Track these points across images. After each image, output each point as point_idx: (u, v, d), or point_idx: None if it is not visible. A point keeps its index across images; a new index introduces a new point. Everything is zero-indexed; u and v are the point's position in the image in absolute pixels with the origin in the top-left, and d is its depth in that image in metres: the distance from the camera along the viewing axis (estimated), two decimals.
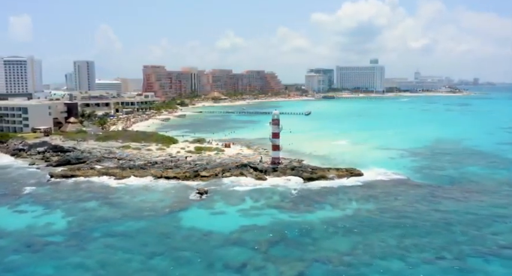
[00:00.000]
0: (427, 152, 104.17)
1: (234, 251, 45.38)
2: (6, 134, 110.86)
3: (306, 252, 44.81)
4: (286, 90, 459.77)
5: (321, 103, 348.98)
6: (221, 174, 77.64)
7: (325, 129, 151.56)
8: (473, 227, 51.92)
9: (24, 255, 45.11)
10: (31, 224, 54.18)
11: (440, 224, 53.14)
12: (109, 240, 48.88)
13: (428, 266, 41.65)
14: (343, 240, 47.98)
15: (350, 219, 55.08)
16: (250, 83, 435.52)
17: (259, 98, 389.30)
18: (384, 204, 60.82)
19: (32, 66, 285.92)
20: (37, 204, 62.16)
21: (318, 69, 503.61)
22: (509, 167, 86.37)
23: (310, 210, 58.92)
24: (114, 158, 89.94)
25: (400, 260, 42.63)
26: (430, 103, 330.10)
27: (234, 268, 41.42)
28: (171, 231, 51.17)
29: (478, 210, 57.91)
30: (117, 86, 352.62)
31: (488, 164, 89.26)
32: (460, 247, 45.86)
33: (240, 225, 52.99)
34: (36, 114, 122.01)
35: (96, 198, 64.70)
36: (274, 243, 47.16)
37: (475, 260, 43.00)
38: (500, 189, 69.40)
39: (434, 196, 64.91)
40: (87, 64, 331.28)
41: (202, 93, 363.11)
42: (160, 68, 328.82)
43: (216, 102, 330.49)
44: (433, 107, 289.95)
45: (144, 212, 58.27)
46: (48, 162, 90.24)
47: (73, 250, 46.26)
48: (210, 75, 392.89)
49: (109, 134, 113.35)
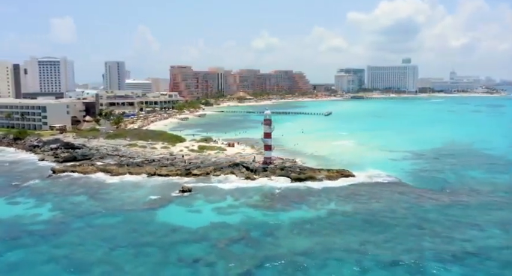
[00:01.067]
0: (432, 154, 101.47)
1: (194, 246, 46.85)
2: (25, 131, 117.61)
3: (262, 250, 45.60)
4: (314, 90, 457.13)
5: (347, 103, 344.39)
6: (213, 173, 79.32)
7: (337, 130, 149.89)
8: (445, 232, 50.62)
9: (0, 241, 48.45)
10: (20, 214, 58.13)
11: (412, 227, 52.34)
12: (82, 232, 51.70)
13: (381, 270, 41.31)
14: (304, 241, 48.30)
15: (320, 220, 55.21)
16: (278, 83, 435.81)
17: (285, 98, 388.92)
18: (362, 207, 60.35)
19: (65, 66, 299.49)
20: (32, 197, 66.30)
21: (348, 69, 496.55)
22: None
23: (285, 209, 59.47)
24: (117, 155, 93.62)
25: (353, 263, 42.45)
26: (460, 104, 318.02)
27: (186, 263, 42.93)
28: (141, 226, 53.37)
29: (458, 216, 56.37)
30: (147, 86, 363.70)
31: (491, 168, 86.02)
32: (422, 252, 45.03)
33: (210, 222, 54.41)
34: (55, 112, 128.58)
35: (86, 193, 68.11)
36: (234, 241, 48.21)
37: (433, 265, 42.14)
38: (493, 194, 66.94)
39: (418, 200, 63.64)
40: (118, 64, 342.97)
41: (229, 93, 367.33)
42: (187, 68, 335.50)
43: (241, 102, 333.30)
44: (461, 108, 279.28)
45: (125, 207, 60.92)
46: (57, 158, 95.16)
47: (46, 239, 49.51)
48: (237, 75, 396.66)
49: (119, 132, 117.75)
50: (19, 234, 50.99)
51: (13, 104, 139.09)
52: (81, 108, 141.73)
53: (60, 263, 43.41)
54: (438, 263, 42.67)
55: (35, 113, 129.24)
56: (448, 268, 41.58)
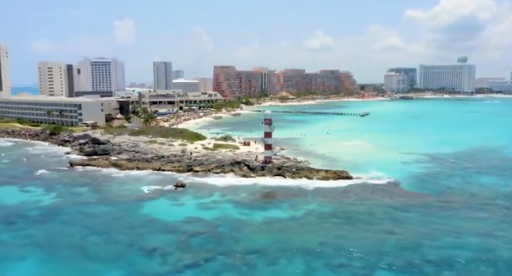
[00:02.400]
0: (451, 157, 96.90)
1: (159, 237, 49.69)
2: (60, 127, 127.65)
3: (220, 245, 47.35)
4: (362, 90, 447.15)
5: (392, 104, 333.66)
6: (213, 170, 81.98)
7: (363, 131, 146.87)
8: (416, 238, 48.83)
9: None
10: (24, 201, 64.54)
11: (382, 232, 51.35)
12: (70, 219, 56.69)
13: (325, 272, 41.41)
14: (265, 238, 49.26)
15: (293, 219, 55.82)
16: (324, 82, 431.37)
17: (330, 98, 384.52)
18: (342, 208, 59.93)
19: (115, 66, 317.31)
20: (42, 186, 72.94)
21: (399, 68, 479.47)
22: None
23: (264, 208, 60.67)
24: (133, 151, 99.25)
25: (301, 263, 42.80)
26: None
27: (145, 251, 45.88)
28: (124, 216, 57.23)
29: (439, 222, 54.11)
30: (194, 85, 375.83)
31: (508, 175, 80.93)
32: (378, 257, 43.98)
33: (187, 216, 57.02)
34: (89, 110, 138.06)
35: (90, 185, 73.65)
36: (199, 235, 50.38)
37: (382, 272, 41.34)
38: (491, 202, 63.19)
39: (405, 204, 61.84)
40: (165, 65, 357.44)
41: (272, 93, 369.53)
42: (230, 68, 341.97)
43: (283, 102, 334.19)
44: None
45: (118, 199, 65.32)
46: (82, 153, 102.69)
47: (36, 223, 55.17)
48: (282, 75, 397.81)
49: (143, 130, 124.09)
50: (15, 218, 56.89)
51: (53, 101, 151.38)
52: (116, 106, 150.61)
53: (36, 245, 48.26)
54: (387, 270, 41.51)
55: (71, 111, 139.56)
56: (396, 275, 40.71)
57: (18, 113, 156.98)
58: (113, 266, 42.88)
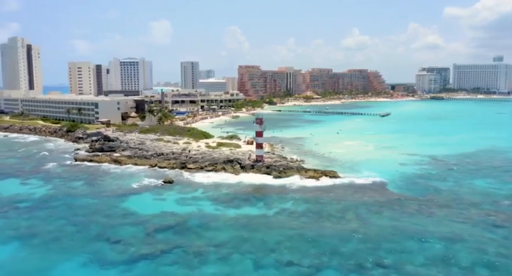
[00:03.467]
0: (454, 159, 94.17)
1: (129, 229, 52.32)
2: (76, 125, 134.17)
3: (181, 238, 49.25)
4: (392, 90, 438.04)
5: (420, 104, 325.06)
6: (206, 167, 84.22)
7: (374, 131, 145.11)
8: (377, 240, 48.46)
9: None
10: (20, 193, 69.22)
11: (347, 232, 51.35)
12: (55, 210, 60.56)
13: (272, 268, 42.27)
14: (228, 234, 50.51)
15: (262, 217, 56.92)
16: (352, 82, 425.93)
17: (357, 98, 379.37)
18: (316, 208, 60.13)
19: (144, 66, 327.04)
20: (42, 179, 77.71)
21: (431, 67, 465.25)
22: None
23: (239, 205, 62.01)
24: (136, 148, 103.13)
25: (252, 259, 43.81)
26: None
27: (110, 241, 48.60)
28: (103, 209, 60.39)
29: (408, 225, 53.26)
30: (221, 85, 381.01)
31: (505, 179, 78.19)
32: (331, 257, 44.25)
33: (163, 210, 59.35)
34: (106, 108, 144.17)
35: (86, 179, 77.71)
36: (165, 228, 52.54)
37: (328, 272, 41.53)
38: (475, 206, 60.96)
39: (382, 206, 61.09)
40: (192, 64, 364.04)
41: (297, 92, 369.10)
42: (254, 67, 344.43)
43: (307, 102, 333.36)
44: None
45: (106, 193, 68.73)
46: (90, 149, 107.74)
47: (24, 213, 59.33)
48: (308, 74, 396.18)
49: (152, 128, 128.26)
50: (6, 208, 61.45)
51: (73, 100, 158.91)
52: (132, 105, 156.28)
53: (17, 233, 52.10)
54: (334, 270, 41.69)
55: (89, 109, 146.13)
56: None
57: (42, 111, 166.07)
58: (76, 253, 45.74)
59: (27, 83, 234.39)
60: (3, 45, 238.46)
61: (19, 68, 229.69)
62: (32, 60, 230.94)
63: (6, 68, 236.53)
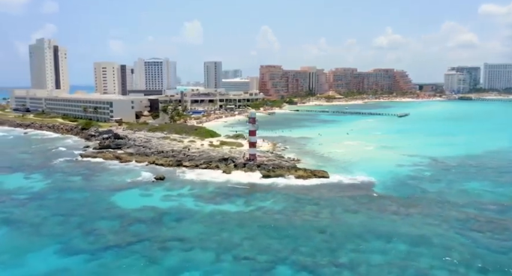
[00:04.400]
0: (453, 162, 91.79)
1: (106, 222, 55.06)
2: (90, 122, 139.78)
3: (151, 231, 51.41)
4: (420, 90, 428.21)
5: (446, 105, 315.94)
6: (201, 165, 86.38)
7: (384, 131, 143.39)
8: (341, 240, 48.73)
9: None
10: (21, 186, 73.75)
11: (312, 231, 51.37)
12: (48, 202, 64.55)
13: (227, 263, 43.57)
14: (197, 229, 52.18)
15: (237, 214, 58.16)
16: (377, 82, 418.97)
17: (381, 98, 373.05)
18: (293, 207, 60.63)
19: (167, 66, 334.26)
20: (44, 174, 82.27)
21: (461, 67, 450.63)
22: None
23: (220, 202, 63.52)
24: (140, 146, 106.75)
25: (212, 254, 45.21)
26: None
27: (85, 232, 51.43)
28: (90, 202, 63.65)
29: (379, 226, 53.16)
30: (244, 85, 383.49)
31: (502, 182, 76.04)
32: (286, 254, 44.97)
33: (144, 205, 61.83)
34: (120, 107, 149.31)
35: (85, 174, 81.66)
36: (141, 221, 54.86)
37: (281, 269, 42.13)
38: (457, 209, 59.83)
39: (361, 207, 60.66)
40: (215, 64, 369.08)
41: (320, 92, 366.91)
42: (276, 67, 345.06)
43: (329, 101, 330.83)
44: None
45: (98, 188, 72.10)
46: (99, 146, 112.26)
47: (19, 204, 63.49)
48: (332, 74, 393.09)
49: (161, 126, 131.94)
50: (5, 198, 66.13)
51: (89, 99, 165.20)
52: (147, 104, 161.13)
53: (6, 221, 56.15)
54: (288, 267, 42.31)
55: (104, 108, 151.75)
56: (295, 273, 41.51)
57: (63, 109, 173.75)
58: (52, 241, 48.94)
59: (53, 82, 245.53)
60: (32, 46, 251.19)
61: (46, 68, 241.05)
62: (58, 61, 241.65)
63: (34, 68, 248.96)
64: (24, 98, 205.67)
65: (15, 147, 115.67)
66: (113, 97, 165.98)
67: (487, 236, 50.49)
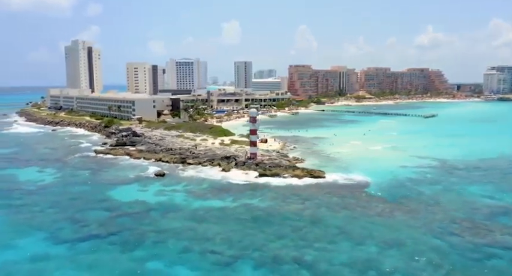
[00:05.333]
0: (461, 165, 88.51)
1: (96, 213, 58.64)
2: (112, 121, 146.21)
3: (134, 223, 54.26)
4: (458, 90, 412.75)
5: (482, 105, 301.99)
6: (204, 163, 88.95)
7: (402, 132, 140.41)
8: (307, 238, 49.45)
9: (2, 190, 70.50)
10: (31, 179, 79.07)
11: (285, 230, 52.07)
12: (50, 194, 69.25)
13: (192, 255, 45.42)
14: (177, 223, 54.38)
15: (220, 210, 59.68)
16: (411, 81, 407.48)
17: (414, 98, 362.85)
18: (278, 206, 61.42)
19: (198, 66, 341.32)
20: (57, 168, 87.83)
21: (502, 66, 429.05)
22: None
23: (208, 198, 65.50)
24: (153, 144, 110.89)
25: (182, 245, 47.39)
26: None
27: (74, 222, 55.20)
28: (87, 195, 67.68)
29: (356, 227, 52.73)
30: (275, 85, 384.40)
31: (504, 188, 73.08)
32: (252, 250, 46.02)
33: (137, 199, 64.93)
34: (142, 106, 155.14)
35: (93, 169, 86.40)
36: (129, 214, 57.93)
37: (243, 262, 43.50)
38: (441, 214, 58.64)
39: (345, 208, 60.17)
40: (245, 64, 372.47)
41: (351, 92, 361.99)
42: (305, 67, 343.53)
43: (358, 102, 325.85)
44: None
45: (100, 182, 76.30)
46: (116, 143, 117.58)
47: (24, 194, 68.69)
48: (363, 73, 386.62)
49: (178, 125, 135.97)
50: (13, 190, 71.57)
51: (114, 98, 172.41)
52: (168, 103, 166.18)
53: (7, 209, 61.32)
54: (247, 262, 43.56)
55: (127, 106, 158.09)
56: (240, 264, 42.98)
57: (91, 108, 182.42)
58: (42, 229, 53.10)
59: (87, 82, 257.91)
60: (67, 47, 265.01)
61: (80, 69, 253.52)
62: (92, 61, 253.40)
63: (69, 68, 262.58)
64: (58, 97, 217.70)
65: (41, 143, 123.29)
66: (136, 96, 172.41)
67: (466, 241, 49.25)
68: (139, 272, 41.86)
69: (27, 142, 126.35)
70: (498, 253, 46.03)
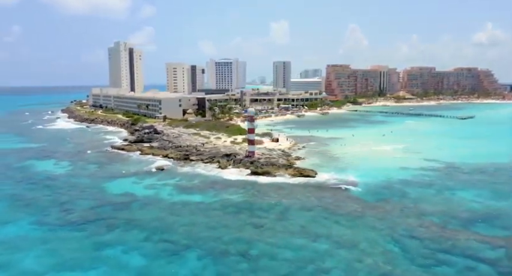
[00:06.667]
0: (466, 169, 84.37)
1: (85, 203, 63.71)
2: (139, 118, 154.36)
3: (113, 213, 58.69)
4: (510, 91, 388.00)
5: None
6: (205, 160, 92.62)
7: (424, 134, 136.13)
8: (263, 234, 50.95)
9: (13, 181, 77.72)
10: (46, 170, 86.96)
11: (246, 226, 54.14)
12: (55, 184, 75.71)
13: (150, 243, 48.72)
14: (151, 214, 58.06)
15: (195, 205, 62.40)
16: (459, 81, 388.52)
17: (459, 98, 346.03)
18: (253, 202, 63.38)
19: (237, 66, 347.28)
20: (72, 161, 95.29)
21: None
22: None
23: (191, 193, 68.62)
24: (166, 141, 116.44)
25: (144, 235, 50.87)
26: None
27: (63, 209, 60.76)
28: (84, 186, 73.44)
29: (319, 226, 53.32)
30: (315, 84, 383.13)
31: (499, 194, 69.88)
32: (204, 242, 48.36)
33: (127, 191, 69.60)
34: (168, 105, 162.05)
35: (102, 163, 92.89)
36: (111, 205, 62.51)
37: (192, 251, 46.11)
38: (422, 217, 57.02)
39: (319, 207, 60.39)
40: (284, 64, 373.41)
41: (391, 92, 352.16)
42: (343, 66, 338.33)
43: (398, 102, 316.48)
44: None
45: (103, 175, 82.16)
46: (136, 139, 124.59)
47: (31, 184, 75.82)
48: (406, 73, 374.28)
49: (197, 123, 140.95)
50: (25, 179, 79.38)
51: (143, 97, 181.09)
52: (195, 102, 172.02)
53: (10, 194, 68.50)
54: (196, 253, 45.72)
55: (155, 105, 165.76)
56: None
57: (125, 106, 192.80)
58: (32, 213, 59.13)
59: (128, 82, 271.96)
60: (110, 48, 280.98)
61: (121, 69, 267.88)
62: (133, 62, 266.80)
63: (111, 68, 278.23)
64: (99, 96, 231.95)
65: (70, 139, 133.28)
66: (163, 95, 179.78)
67: (422, 246, 47.85)
68: (95, 255, 45.84)
69: (58, 137, 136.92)
70: (451, 261, 44.51)
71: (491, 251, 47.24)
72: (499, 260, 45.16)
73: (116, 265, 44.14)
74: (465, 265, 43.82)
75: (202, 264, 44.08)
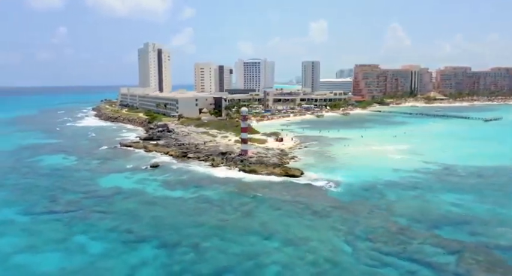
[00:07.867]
0: (463, 172, 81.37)
1: (74, 195, 68.53)
2: (155, 117, 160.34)
3: (96, 205, 62.77)
4: None
5: None
6: (201, 158, 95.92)
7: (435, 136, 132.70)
8: (222, 227, 53.30)
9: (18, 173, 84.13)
10: (53, 163, 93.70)
11: (212, 221, 56.48)
12: (57, 176, 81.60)
13: (114, 233, 52.12)
14: (128, 207, 61.57)
15: (172, 199, 65.41)
16: (496, 82, 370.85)
17: (495, 100, 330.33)
18: (227, 199, 65.27)
19: (265, 66, 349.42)
20: (80, 157, 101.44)
21: None
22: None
23: (174, 189, 71.76)
24: (173, 139, 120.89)
25: (113, 225, 54.44)
26: None
27: (51, 199, 65.72)
28: (81, 179, 78.61)
29: (279, 224, 54.85)
30: (344, 84, 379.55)
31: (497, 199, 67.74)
32: (163, 233, 51.29)
33: (116, 185, 73.77)
34: (185, 104, 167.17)
35: (106, 159, 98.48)
36: (97, 197, 66.90)
37: (150, 241, 49.36)
38: (389, 220, 56.81)
39: (290, 205, 61.47)
40: (312, 64, 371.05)
41: (423, 92, 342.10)
42: (371, 66, 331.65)
43: (428, 103, 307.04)
44: None
45: (102, 169, 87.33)
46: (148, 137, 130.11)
47: (36, 175, 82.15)
48: (439, 73, 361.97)
49: (208, 122, 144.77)
50: (29, 171, 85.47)
51: (162, 97, 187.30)
52: (211, 101, 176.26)
53: (11, 184, 74.77)
54: (155, 241, 49.17)
55: (172, 104, 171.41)
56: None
57: (147, 105, 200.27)
58: (21, 203, 64.27)
59: (156, 82, 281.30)
60: (140, 49, 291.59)
61: (150, 69, 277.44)
62: (161, 62, 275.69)
63: (141, 69, 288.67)
64: (126, 95, 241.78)
65: (87, 135, 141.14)
66: (179, 95, 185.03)
67: (373, 248, 47.54)
68: (65, 242, 49.89)
69: (79, 134, 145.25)
70: (396, 264, 44.15)
71: (442, 255, 46.40)
72: (446, 264, 44.39)
73: (78, 250, 47.96)
74: (408, 269, 43.31)
75: (153, 253, 46.89)
